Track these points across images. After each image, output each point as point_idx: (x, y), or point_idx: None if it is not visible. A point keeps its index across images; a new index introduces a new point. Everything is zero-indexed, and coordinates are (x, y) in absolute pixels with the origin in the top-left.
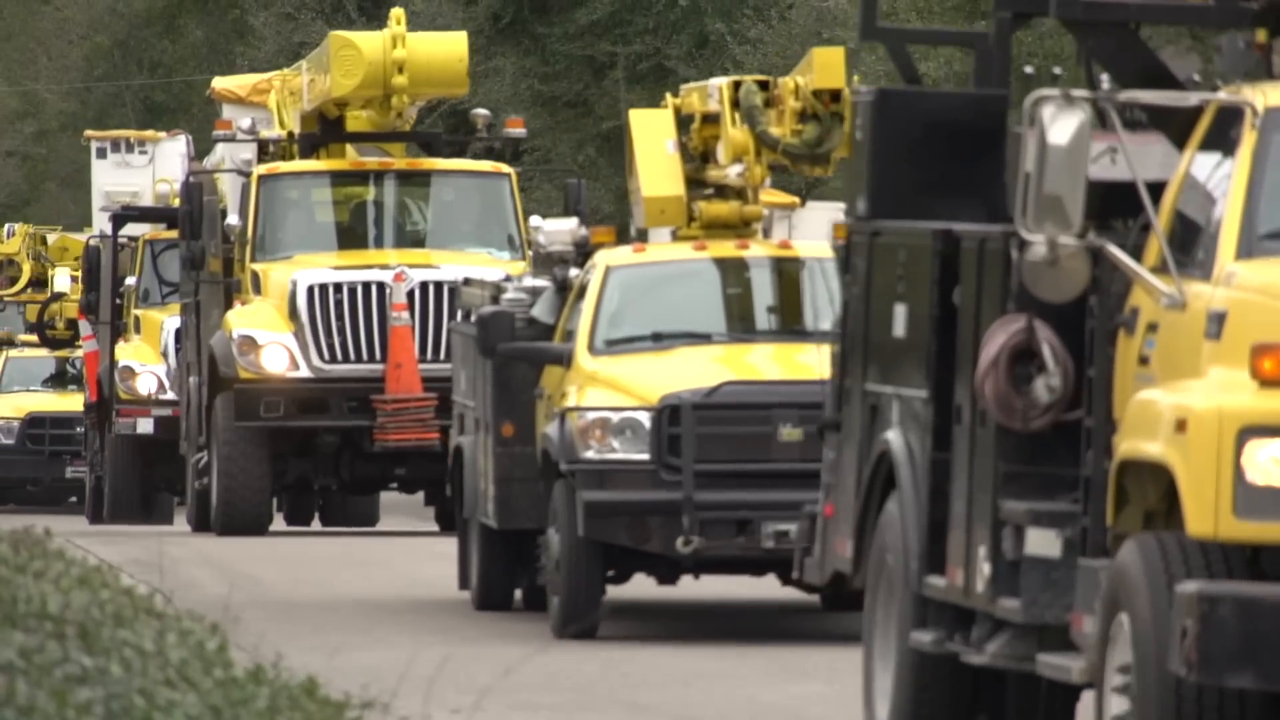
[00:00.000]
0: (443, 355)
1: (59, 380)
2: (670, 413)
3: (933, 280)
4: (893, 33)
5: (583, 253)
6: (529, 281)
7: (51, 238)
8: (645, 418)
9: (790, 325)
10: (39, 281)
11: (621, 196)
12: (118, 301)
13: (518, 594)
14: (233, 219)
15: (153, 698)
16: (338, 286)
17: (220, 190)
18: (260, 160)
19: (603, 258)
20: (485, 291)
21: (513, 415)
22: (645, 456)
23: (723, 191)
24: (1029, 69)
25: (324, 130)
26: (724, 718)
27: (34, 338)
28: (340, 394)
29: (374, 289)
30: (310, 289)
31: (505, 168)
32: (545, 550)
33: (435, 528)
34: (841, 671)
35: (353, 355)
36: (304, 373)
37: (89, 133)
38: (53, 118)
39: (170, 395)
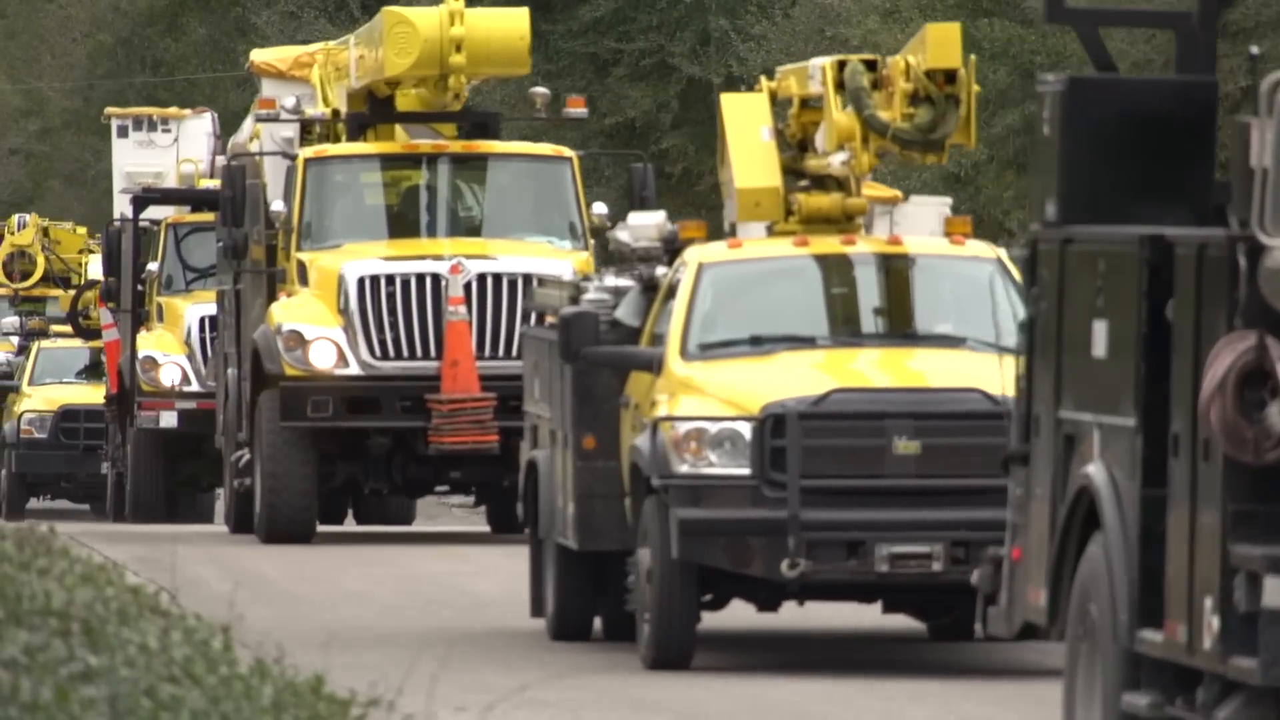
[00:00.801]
0: (501, 352)
1: (93, 371)
2: (774, 423)
3: (1141, 293)
4: (1084, 14)
5: (670, 249)
6: (610, 280)
7: (65, 226)
8: (746, 428)
9: (900, 329)
10: (52, 278)
11: (624, 195)
12: (139, 288)
13: (597, 622)
14: (277, 205)
15: (157, 695)
16: (390, 278)
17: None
18: (303, 140)
19: (695, 254)
20: (564, 291)
21: (595, 427)
22: (746, 471)
23: (822, 182)
24: (1255, 49)
25: (373, 110)
26: (728, 715)
27: (67, 328)
28: (392, 393)
29: (428, 281)
30: (361, 281)
31: (567, 151)
32: (634, 574)
33: (482, 528)
34: (847, 667)
35: (406, 352)
36: (354, 370)
37: (109, 110)
38: (56, 115)
39: (195, 387)
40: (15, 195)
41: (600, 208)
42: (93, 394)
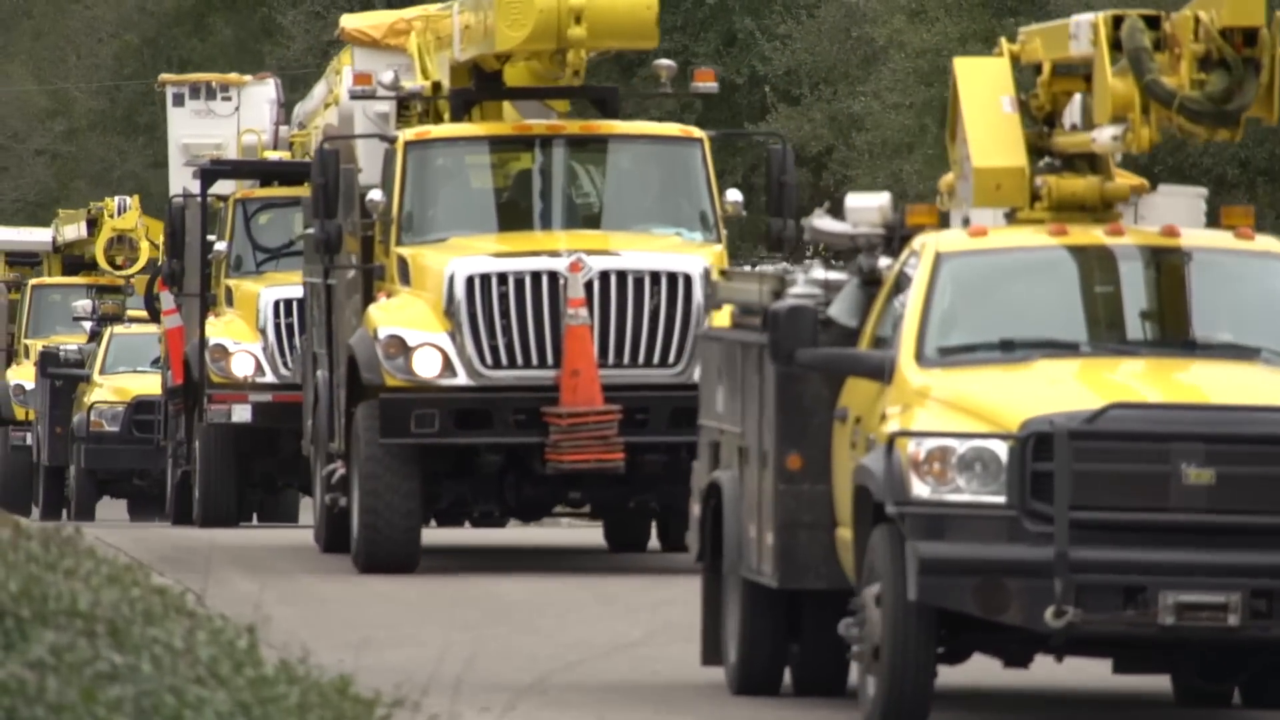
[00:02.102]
0: (626, 360)
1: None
2: (1037, 442)
3: None
4: None
5: (891, 237)
6: (819, 273)
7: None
8: (1002, 448)
9: (1176, 336)
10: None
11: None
12: (206, 271)
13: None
14: (375, 193)
15: (183, 695)
16: (502, 277)
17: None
18: (399, 118)
19: (930, 244)
20: (765, 285)
21: (801, 443)
22: (1001, 499)
23: (1070, 163)
24: None
25: (480, 85)
26: (754, 717)
27: (143, 313)
28: (505, 406)
29: (544, 280)
30: (470, 280)
31: (697, 131)
32: (859, 618)
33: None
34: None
35: (520, 360)
36: (462, 380)
37: (164, 76)
38: (82, 116)
39: (269, 378)
40: (41, 196)
41: (734, 195)
42: None
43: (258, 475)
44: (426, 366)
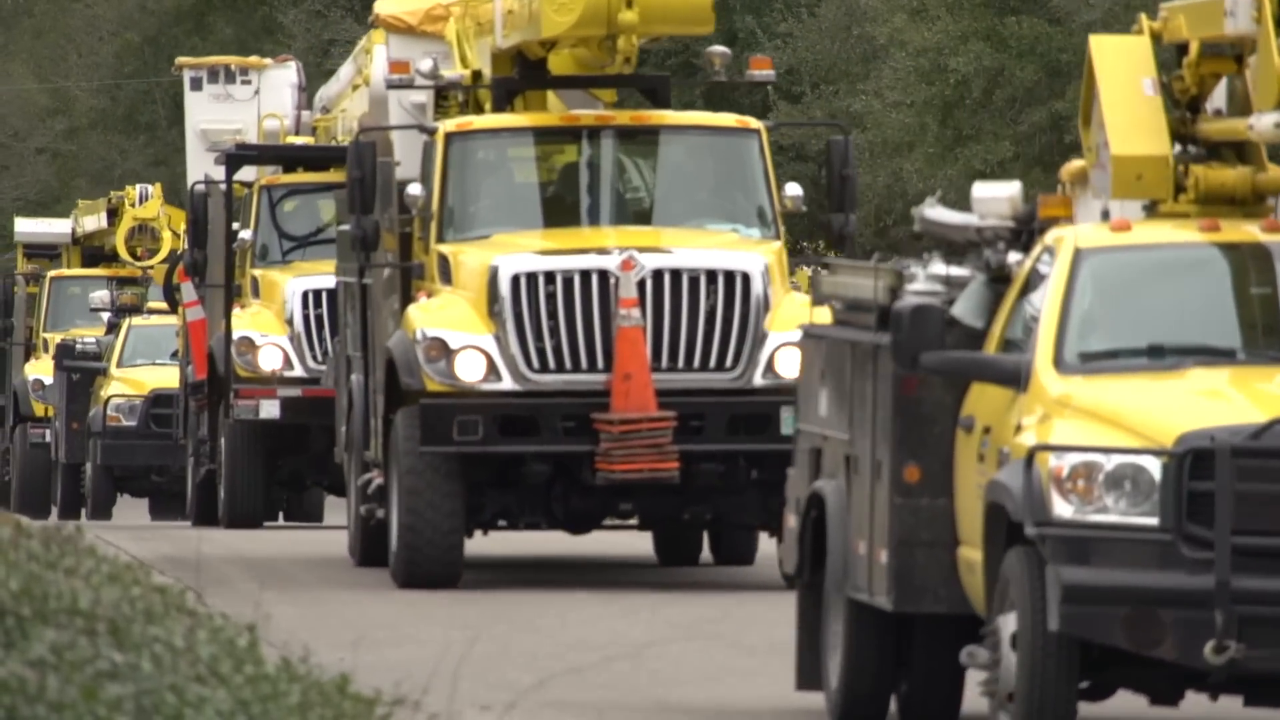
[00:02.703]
0: (681, 364)
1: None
2: (1194, 459)
3: None
4: None
5: (1021, 230)
6: (940, 268)
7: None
8: (1155, 465)
9: None
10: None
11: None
12: (230, 260)
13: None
14: (414, 188)
15: (183, 694)
16: (550, 276)
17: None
18: (437, 109)
19: (1067, 238)
20: (881, 280)
21: (920, 454)
22: (1154, 521)
23: (1216, 152)
24: None
25: (523, 73)
26: (754, 715)
27: (162, 304)
28: (553, 412)
29: (594, 279)
30: (515, 279)
31: (754, 122)
32: (991, 648)
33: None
34: None
35: (569, 363)
36: (508, 385)
37: (181, 60)
38: (83, 115)
39: (298, 372)
40: (42, 194)
41: (794, 189)
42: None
43: (285, 474)
44: (470, 370)
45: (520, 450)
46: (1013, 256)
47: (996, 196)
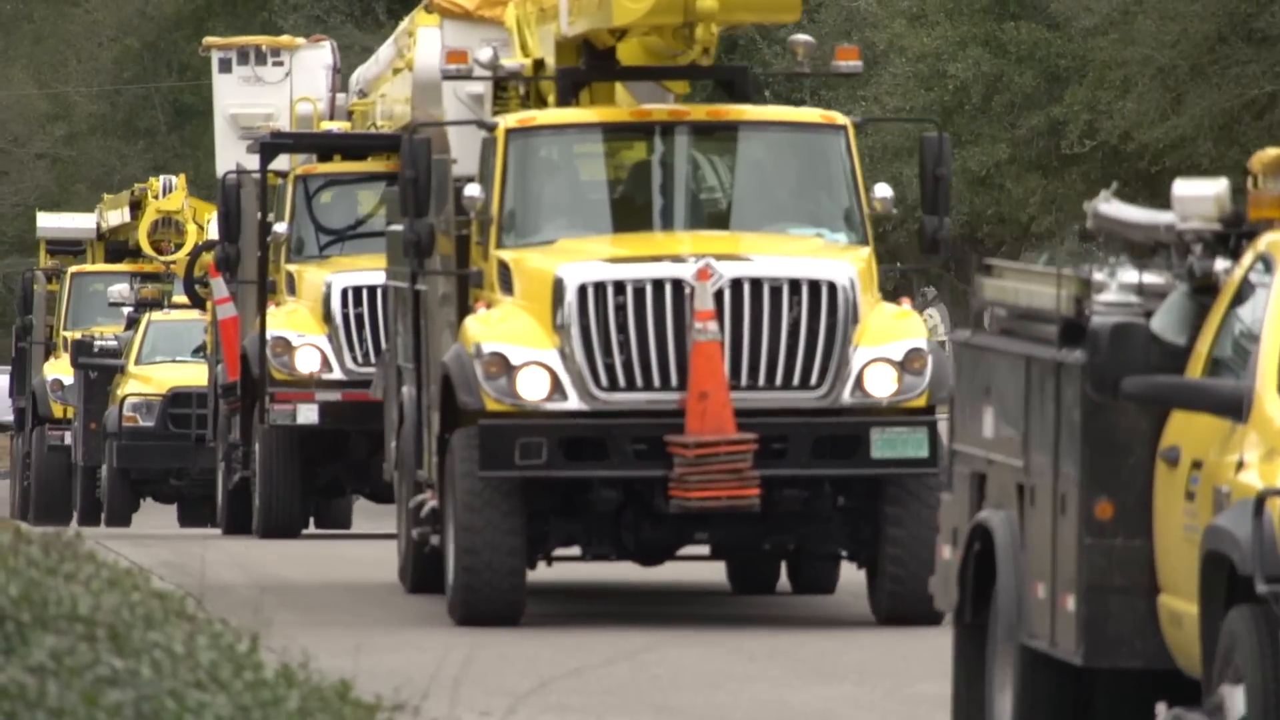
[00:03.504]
0: (762, 381)
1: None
2: None
3: None
4: None
5: (1229, 234)
6: (1130, 275)
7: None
8: None
9: None
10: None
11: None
12: (264, 255)
13: None
14: (472, 189)
15: (183, 700)
16: (619, 286)
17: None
18: (496, 101)
19: None
20: (1065, 289)
21: (1113, 488)
22: None
23: None
24: None
25: (591, 64)
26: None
27: (183, 298)
28: (624, 433)
29: (668, 289)
30: (582, 289)
31: (840, 117)
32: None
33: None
34: (872, 673)
35: (640, 381)
36: (574, 404)
37: (208, 40)
38: (82, 120)
39: (337, 374)
40: (42, 200)
41: (883, 189)
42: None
43: (323, 482)
44: (533, 388)
45: (587, 475)
46: (1220, 264)
47: (1201, 195)
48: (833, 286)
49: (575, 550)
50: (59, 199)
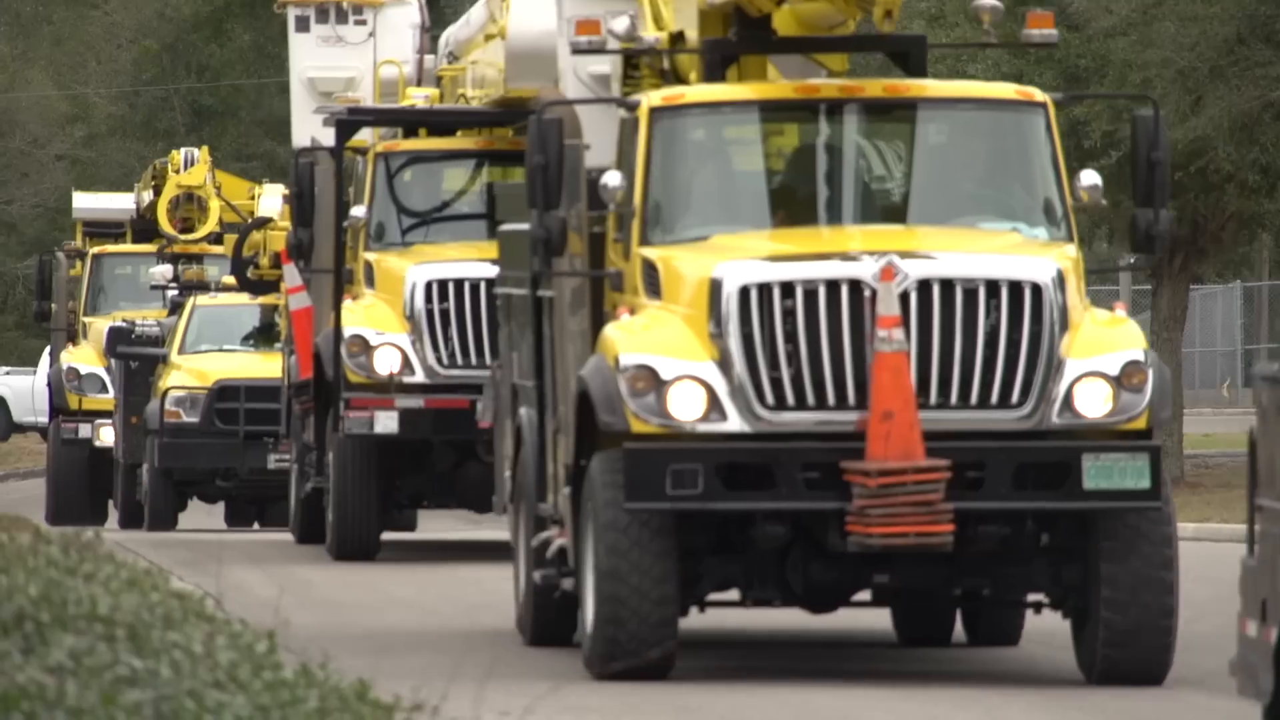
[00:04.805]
0: (954, 399)
1: (265, 336)
2: None
3: None
4: None
5: None
6: None
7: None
8: None
9: None
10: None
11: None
12: (341, 241)
13: None
14: (612, 177)
15: (202, 699)
16: (787, 288)
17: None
18: (626, 79)
19: None
20: None
21: None
22: None
23: None
24: None
25: (743, 35)
26: None
27: (231, 279)
28: (793, 459)
29: (844, 291)
30: (745, 292)
31: (1039, 93)
32: None
33: None
34: (890, 674)
35: (812, 398)
36: (735, 425)
37: None
38: (101, 121)
39: (419, 377)
40: (60, 201)
41: (1091, 177)
42: (261, 365)
43: (404, 495)
44: (686, 407)
45: (750, 507)
46: None
47: None
48: (1037, 289)
49: (731, 594)
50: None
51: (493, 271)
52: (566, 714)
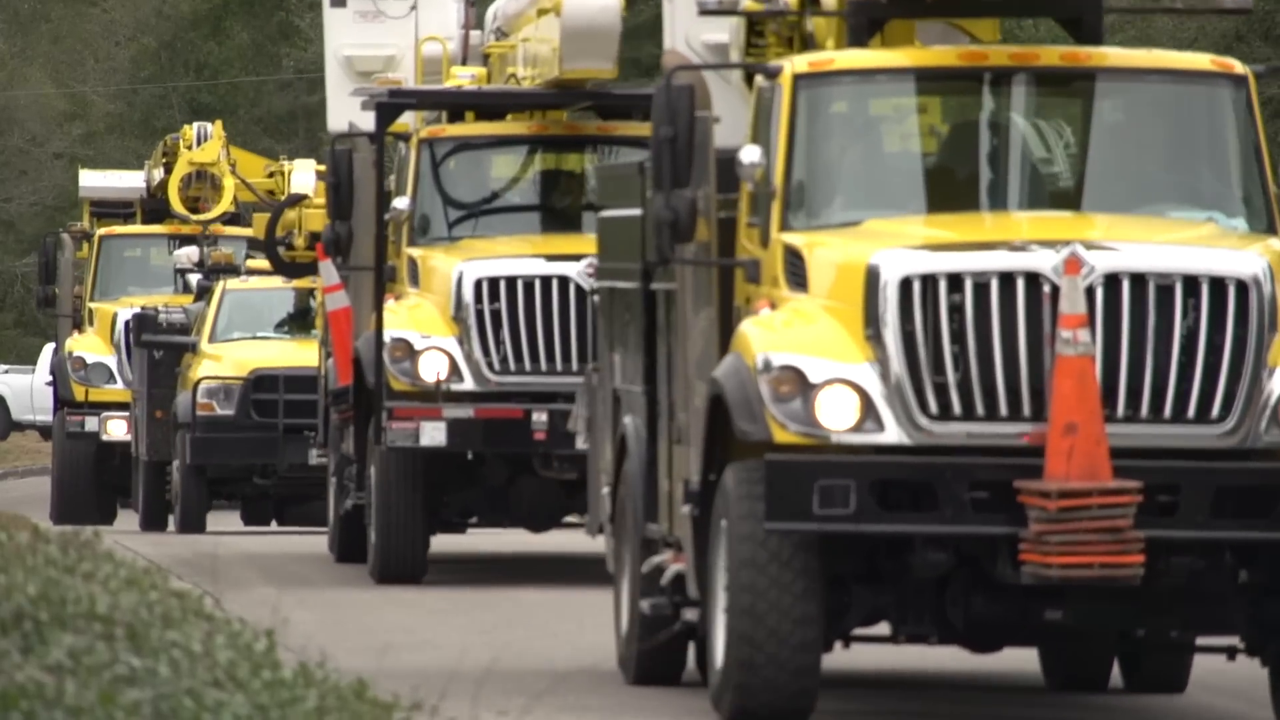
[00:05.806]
0: (1145, 411)
1: (300, 322)
2: None
3: None
4: None
5: None
6: None
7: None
8: None
9: None
10: (240, 213)
11: None
12: (382, 235)
13: None
14: (750, 153)
15: (201, 698)
16: (954, 281)
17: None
18: (749, 48)
19: None
20: None
21: None
22: None
23: None
24: None
25: None
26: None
27: (263, 262)
28: (960, 476)
29: (1019, 285)
30: (906, 284)
31: (1238, 65)
32: None
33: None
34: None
35: (981, 407)
36: (892, 436)
37: None
38: (100, 119)
39: (468, 384)
40: (59, 199)
41: None
42: (298, 354)
43: (453, 512)
44: (837, 414)
45: (909, 530)
46: None
47: None
48: (1242, 286)
49: (880, 629)
50: (75, 198)
51: (548, 268)
52: (566, 712)
